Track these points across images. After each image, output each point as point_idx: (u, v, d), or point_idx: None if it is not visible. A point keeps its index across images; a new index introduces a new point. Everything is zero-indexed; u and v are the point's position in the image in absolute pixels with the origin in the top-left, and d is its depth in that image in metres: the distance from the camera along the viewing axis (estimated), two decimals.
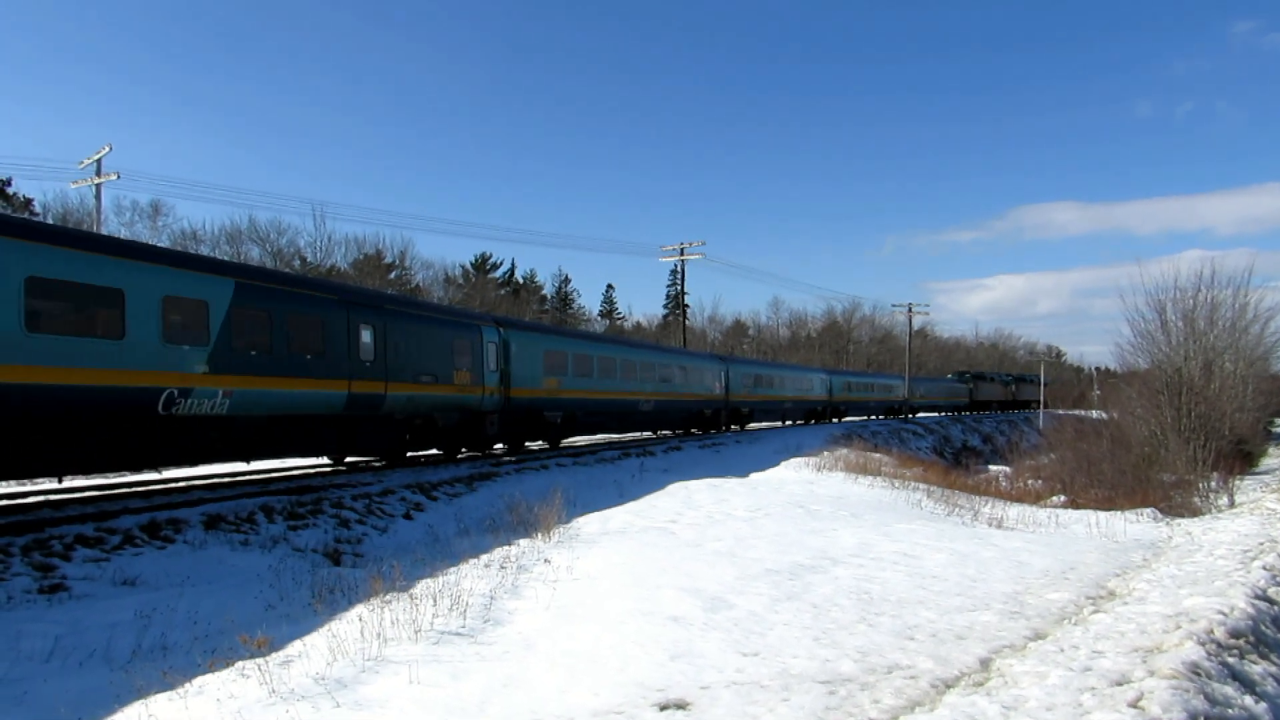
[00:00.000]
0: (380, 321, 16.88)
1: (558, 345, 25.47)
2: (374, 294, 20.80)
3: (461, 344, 19.90)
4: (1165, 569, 9.88)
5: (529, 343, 23.41)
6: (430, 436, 19.27)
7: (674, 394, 33.03)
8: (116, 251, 12.17)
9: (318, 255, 51.05)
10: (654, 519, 13.05)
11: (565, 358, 25.15)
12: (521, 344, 22.79)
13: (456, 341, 19.68)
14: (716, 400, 37.12)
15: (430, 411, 18.74)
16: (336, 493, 14.06)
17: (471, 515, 13.98)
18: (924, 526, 13.19)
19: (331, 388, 15.42)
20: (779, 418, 46.38)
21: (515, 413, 22.25)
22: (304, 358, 14.82)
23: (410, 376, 17.74)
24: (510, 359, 21.92)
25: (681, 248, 46.71)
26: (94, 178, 30.18)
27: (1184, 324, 29.93)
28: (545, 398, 23.71)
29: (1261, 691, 5.40)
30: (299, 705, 5.25)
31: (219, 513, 11.71)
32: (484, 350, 20.79)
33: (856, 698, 5.38)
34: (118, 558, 9.66)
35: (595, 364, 26.98)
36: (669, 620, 7.14)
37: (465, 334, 20.23)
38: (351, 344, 15.94)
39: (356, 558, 11.35)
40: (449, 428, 19.62)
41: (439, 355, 18.92)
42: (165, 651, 6.81)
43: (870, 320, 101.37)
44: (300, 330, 14.85)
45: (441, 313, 21.19)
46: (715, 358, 39.78)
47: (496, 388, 21.24)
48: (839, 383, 54.48)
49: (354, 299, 16.70)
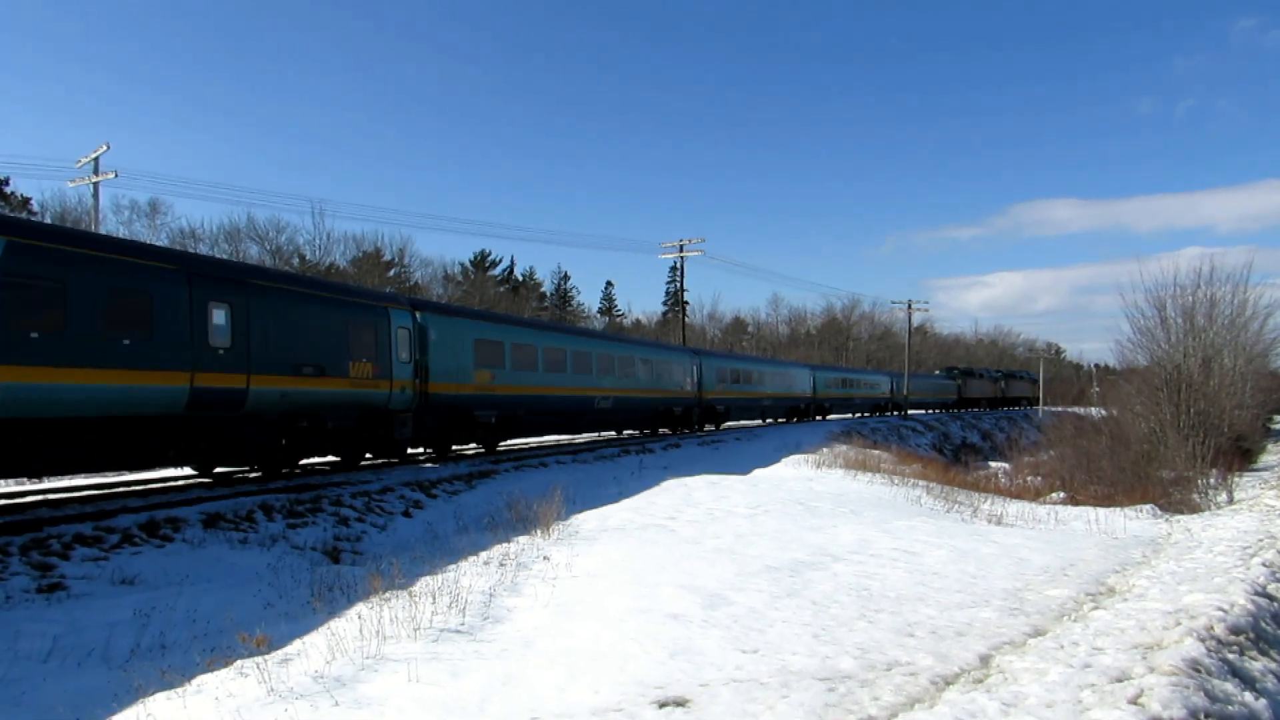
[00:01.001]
0: (241, 299, 13.70)
1: (492, 333, 22.05)
2: (233, 265, 17.15)
3: (361, 329, 16.67)
4: (1165, 566, 9.89)
5: (453, 329, 20.10)
6: (320, 441, 16.09)
7: (638, 390, 30.18)
8: None
9: (317, 253, 51.07)
10: (653, 516, 13.05)
11: (501, 349, 21.96)
12: (444, 331, 19.60)
13: (354, 326, 16.48)
14: (687, 397, 34.63)
15: (317, 411, 15.54)
16: (335, 490, 14.06)
17: (471, 513, 13.98)
18: (924, 523, 13.19)
19: (164, 381, 12.30)
20: (758, 416, 44.22)
21: (435, 412, 19.19)
22: (120, 343, 11.73)
23: (286, 368, 14.61)
24: (429, 348, 18.84)
25: (681, 245, 46.68)
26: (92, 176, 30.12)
27: (1183, 321, 29.94)
28: (476, 394, 20.60)
29: (1261, 688, 5.40)
30: (298, 704, 5.23)
31: (218, 511, 11.70)
32: (392, 337, 17.55)
33: (856, 695, 5.37)
34: (116, 557, 9.65)
35: (540, 355, 23.87)
36: (668, 617, 7.13)
37: (366, 317, 16.95)
38: (196, 325, 12.81)
39: (356, 555, 11.35)
40: (344, 430, 16.38)
41: (328, 343, 15.72)
42: (164, 650, 6.80)
43: (870, 317, 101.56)
44: (116, 307, 11.77)
45: (332, 291, 17.50)
46: (686, 351, 37.25)
47: (410, 382, 18.07)
48: (823, 379, 52.30)
49: (200, 269, 13.48)
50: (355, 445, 17.24)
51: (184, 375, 12.62)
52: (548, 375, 24.09)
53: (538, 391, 23.61)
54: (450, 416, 19.89)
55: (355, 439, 17.01)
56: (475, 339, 20.78)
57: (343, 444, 16.83)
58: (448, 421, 19.90)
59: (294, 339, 14.91)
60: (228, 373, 13.42)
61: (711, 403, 36.81)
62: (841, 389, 55.49)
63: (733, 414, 40.05)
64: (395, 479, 15.76)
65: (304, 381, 15.09)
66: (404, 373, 17.89)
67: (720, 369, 38.54)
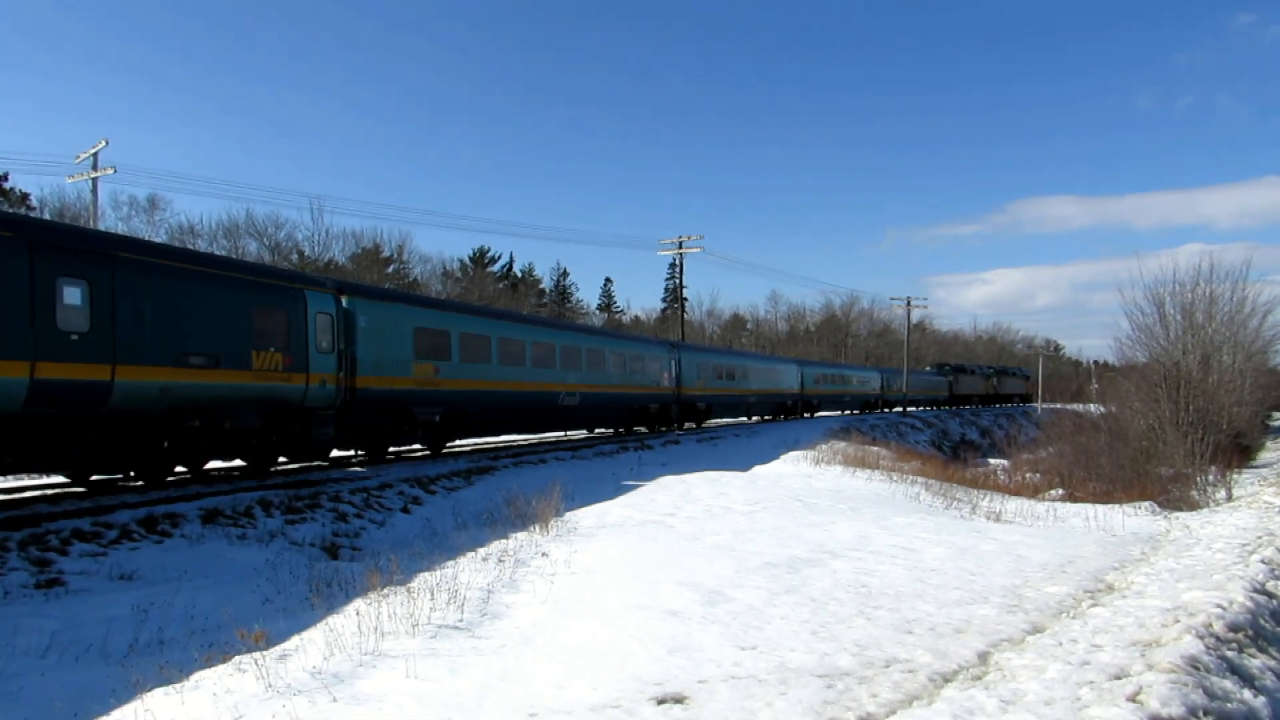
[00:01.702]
0: (103, 274, 11.58)
1: (436, 321, 19.65)
2: (94, 234, 14.17)
3: (268, 314, 14.37)
4: (1163, 563, 9.89)
5: (388, 316, 17.90)
6: (218, 444, 13.86)
7: (608, 386, 28.08)
8: None
9: (315, 249, 51.01)
10: (652, 512, 13.05)
11: (447, 338, 19.68)
12: (375, 317, 17.38)
13: (260, 311, 14.19)
14: (665, 394, 32.47)
15: (211, 408, 13.36)
16: (334, 487, 14.05)
17: (469, 509, 13.98)
18: (922, 520, 13.19)
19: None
20: (743, 413, 42.41)
21: (364, 409, 17.04)
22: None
23: (166, 358, 12.46)
24: (356, 337, 16.68)
25: (680, 241, 46.64)
26: (90, 172, 30.06)
27: (1182, 318, 29.98)
28: (415, 389, 18.42)
29: (1260, 685, 5.40)
30: (296, 700, 5.23)
31: (216, 507, 11.70)
32: (309, 324, 15.20)
33: (854, 691, 5.37)
34: (115, 552, 9.65)
35: (495, 347, 21.58)
36: (667, 614, 7.13)
37: (275, 300, 14.60)
38: (40, 305, 10.68)
39: (354, 552, 11.35)
40: (247, 431, 14.11)
41: (225, 329, 13.47)
42: (162, 646, 6.80)
43: (869, 314, 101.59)
44: None
45: (231, 269, 14.90)
46: (663, 344, 35.12)
47: (331, 375, 15.74)
48: (811, 375, 50.36)
49: (45, 237, 11.24)
50: (263, 448, 14.94)
51: (21, 365, 10.47)
52: (503, 369, 22.00)
53: (491, 387, 21.47)
54: (383, 414, 17.77)
55: (263, 440, 14.75)
56: (415, 327, 18.67)
57: (247, 447, 14.58)
58: (380, 420, 17.79)
59: (178, 324, 12.73)
60: (84, 363, 11.25)
61: (691, 399, 35.01)
62: (831, 385, 54.11)
63: (715, 411, 38.22)
64: (394, 475, 15.76)
65: (192, 374, 12.92)
66: (324, 364, 15.66)
67: (701, 363, 36.59)
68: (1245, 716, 4.83)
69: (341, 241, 54.49)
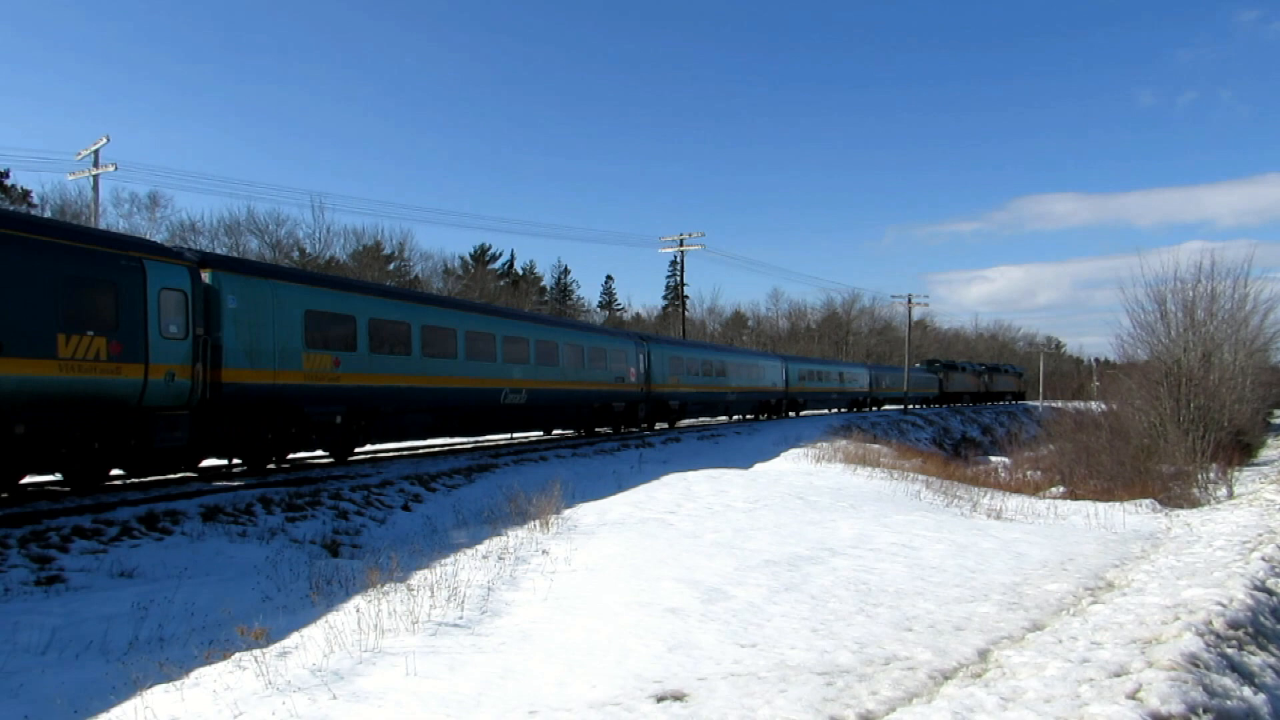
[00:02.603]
0: None
1: (336, 303, 16.56)
2: None
3: (87, 288, 11.60)
4: (1164, 560, 9.88)
5: (267, 295, 14.79)
6: (16, 455, 11.09)
7: (563, 382, 25.18)
8: None
9: (316, 246, 50.98)
10: (652, 510, 13.05)
11: (351, 325, 16.76)
12: (250, 296, 14.40)
13: (72, 282, 11.38)
14: (631, 391, 29.61)
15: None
16: (335, 484, 14.06)
17: (470, 507, 13.98)
18: (923, 517, 13.19)
19: None
20: (721, 412, 39.33)
21: (235, 409, 14.18)
22: None
23: None
24: (223, 320, 13.76)
25: (681, 239, 46.60)
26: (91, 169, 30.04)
27: (1184, 315, 29.95)
28: (308, 385, 15.52)
29: (1260, 683, 5.40)
30: (296, 697, 5.23)
31: (217, 504, 11.71)
32: (149, 302, 12.37)
33: (854, 689, 5.37)
34: (115, 549, 9.66)
35: (416, 335, 18.62)
36: (667, 611, 7.13)
37: (97, 272, 11.77)
38: None
39: (354, 549, 11.35)
40: (54, 436, 11.34)
41: (12, 303, 10.65)
42: (162, 643, 6.81)
43: (870, 311, 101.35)
44: None
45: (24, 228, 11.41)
46: (630, 336, 32.20)
47: (184, 367, 12.91)
48: (796, 371, 47.31)
49: None
50: (84, 459, 12.06)
51: None
52: (429, 361, 19.07)
53: (412, 383, 18.43)
54: (261, 415, 14.82)
55: (82, 450, 11.82)
56: (308, 310, 15.69)
57: (57, 457, 11.72)
58: (258, 422, 14.78)
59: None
60: None
61: (662, 397, 32.00)
62: (818, 382, 51.11)
63: (690, 410, 35.15)
64: (394, 472, 15.76)
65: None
66: (173, 354, 12.72)
67: (674, 358, 33.30)
68: (1245, 714, 4.83)
69: (343, 239, 54.49)
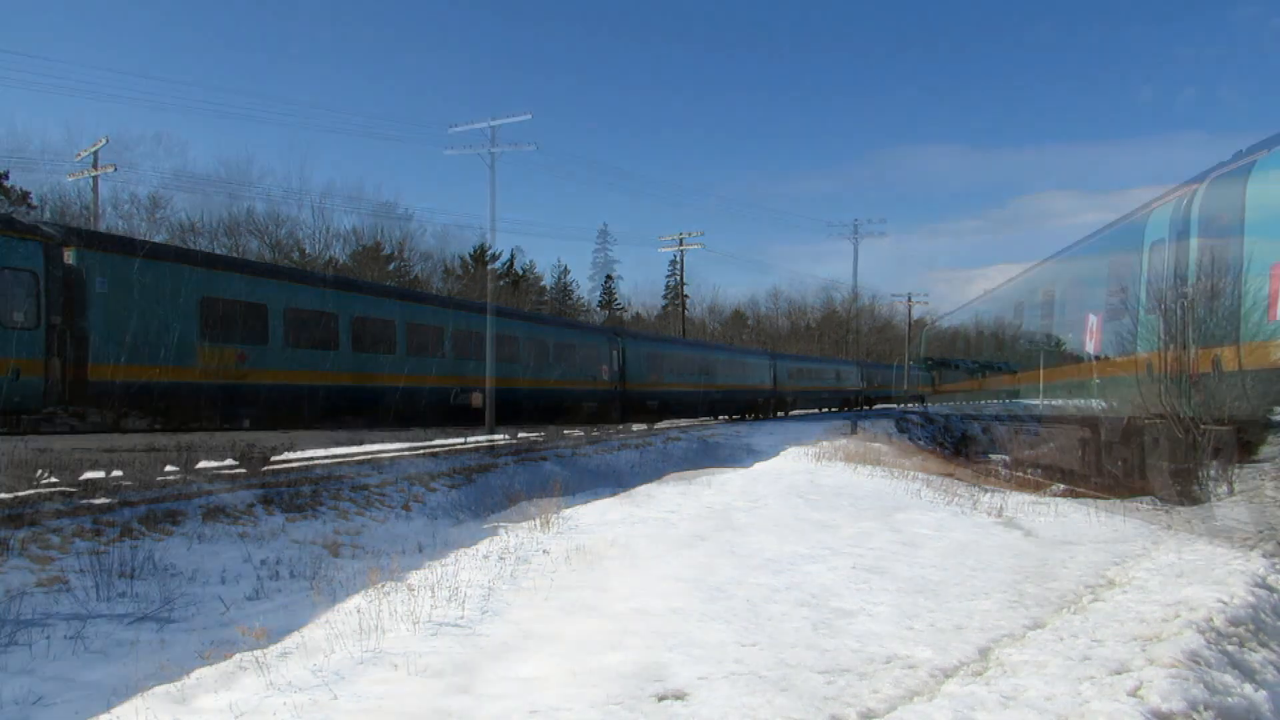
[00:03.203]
0: None
1: (242, 289, 14.85)
2: None
3: None
4: (1164, 558, 9.87)
5: (152, 278, 13.07)
6: None
7: (522, 380, 23.35)
8: None
9: (317, 247, 51.02)
10: (653, 510, 13.04)
11: (262, 314, 15.08)
12: (126, 279, 12.69)
13: None
14: (604, 390, 28.02)
15: None
16: (335, 484, 14.06)
17: (470, 506, 13.99)
18: (923, 515, 13.18)
19: None
20: (705, 412, 37.40)
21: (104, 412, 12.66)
22: None
23: None
24: (89, 306, 12.11)
25: (681, 238, 46.63)
26: (91, 170, 30.05)
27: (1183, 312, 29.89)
28: (202, 384, 13.89)
29: (1261, 680, 5.39)
30: (296, 697, 5.23)
31: (218, 505, 11.71)
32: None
33: (855, 687, 5.36)
34: (115, 550, 9.65)
35: (345, 328, 16.93)
36: (667, 611, 7.12)
37: None
38: None
39: (355, 549, 11.35)
40: None
41: None
42: (163, 644, 6.80)
43: (870, 310, 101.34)
44: None
45: None
46: (603, 331, 30.93)
47: (35, 362, 11.38)
48: (785, 369, 45.47)
49: None
50: None
51: None
52: (360, 357, 17.29)
53: (338, 381, 16.84)
54: (141, 418, 13.23)
55: None
56: (205, 298, 13.94)
57: None
58: (135, 426, 13.29)
59: None
60: None
61: (638, 396, 30.07)
62: (809, 380, 49.83)
63: (670, 410, 33.09)
64: (394, 473, 15.76)
65: None
66: (16, 346, 11.00)
67: (651, 354, 31.66)
68: (1246, 711, 4.83)
69: (342, 240, 54.55)
